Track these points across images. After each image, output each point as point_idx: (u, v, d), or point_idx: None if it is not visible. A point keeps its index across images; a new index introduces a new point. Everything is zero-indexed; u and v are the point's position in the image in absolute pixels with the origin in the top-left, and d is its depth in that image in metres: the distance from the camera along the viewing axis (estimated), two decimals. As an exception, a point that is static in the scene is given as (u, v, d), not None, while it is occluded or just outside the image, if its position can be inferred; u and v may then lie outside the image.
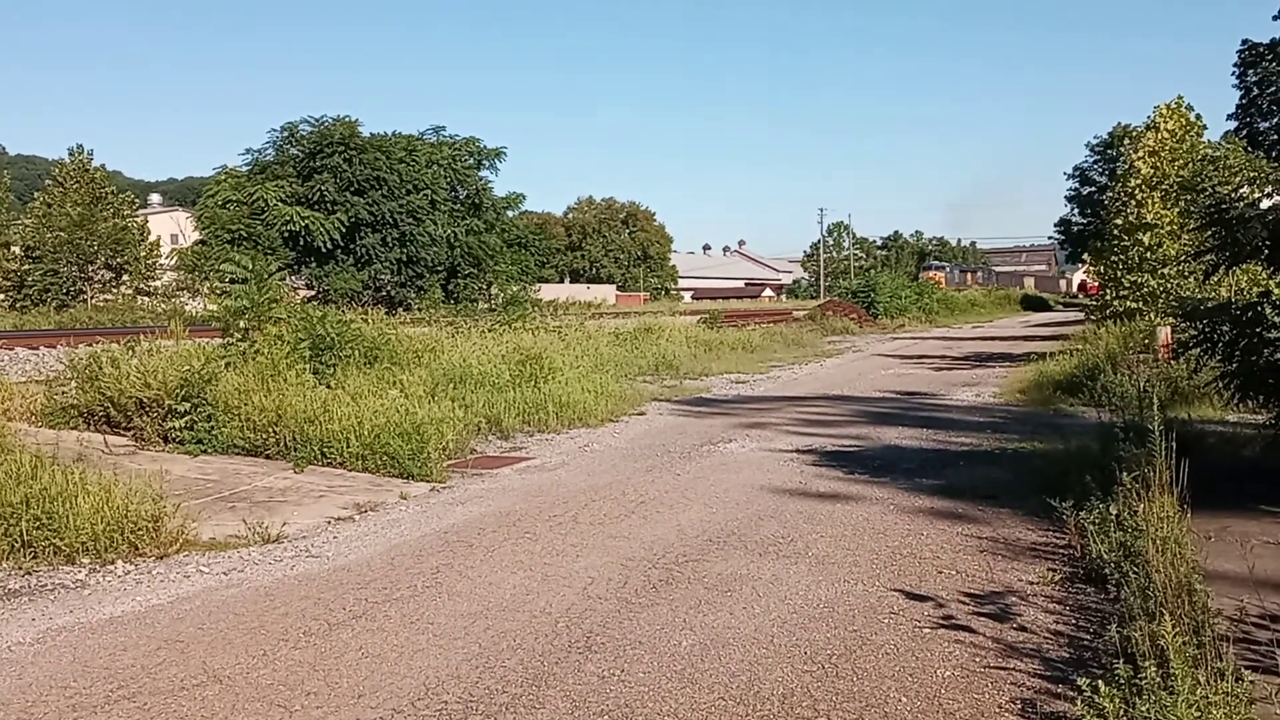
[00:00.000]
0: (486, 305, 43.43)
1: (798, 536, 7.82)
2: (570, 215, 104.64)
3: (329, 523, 8.64)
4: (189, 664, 5.28)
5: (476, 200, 49.79)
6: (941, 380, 21.35)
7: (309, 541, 7.98)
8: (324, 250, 43.50)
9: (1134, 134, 28.68)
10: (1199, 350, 9.09)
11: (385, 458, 10.63)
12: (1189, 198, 19.03)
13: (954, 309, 62.94)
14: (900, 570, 6.84)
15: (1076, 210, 74.78)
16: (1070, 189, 75.03)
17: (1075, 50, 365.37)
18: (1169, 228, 21.87)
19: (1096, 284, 31.98)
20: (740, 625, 5.75)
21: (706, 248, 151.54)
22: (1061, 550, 7.19)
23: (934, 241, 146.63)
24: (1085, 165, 72.53)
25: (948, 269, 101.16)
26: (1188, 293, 19.53)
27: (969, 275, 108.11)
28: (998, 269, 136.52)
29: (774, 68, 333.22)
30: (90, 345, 13.86)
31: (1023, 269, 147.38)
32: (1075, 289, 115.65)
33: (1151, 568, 5.40)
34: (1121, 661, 4.32)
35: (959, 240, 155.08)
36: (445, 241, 46.54)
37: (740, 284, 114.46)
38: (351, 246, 44.48)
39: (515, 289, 44.03)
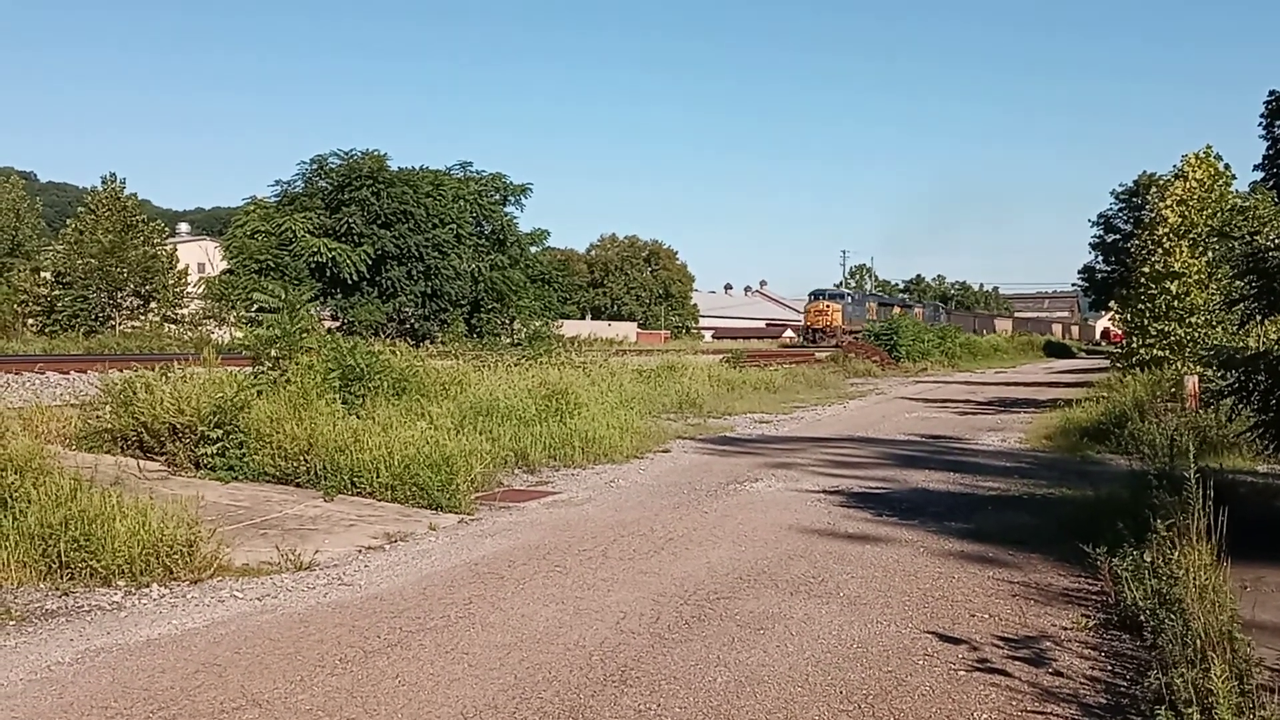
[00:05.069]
0: (509, 340, 43.60)
1: (828, 576, 7.81)
2: (593, 252, 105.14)
3: (360, 551, 8.69)
4: (227, 688, 5.32)
5: (501, 235, 50.02)
6: (966, 424, 21.30)
7: (341, 569, 8.03)
8: (350, 282, 43.78)
9: (1160, 182, 28.71)
10: (1233, 399, 9.08)
11: (414, 488, 10.68)
12: (1221, 246, 19.02)
13: (977, 353, 62.77)
14: (933, 612, 6.82)
15: (1100, 258, 74.86)
16: (1095, 236, 75.24)
17: (1098, 99, 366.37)
18: (1197, 276, 21.84)
19: (1121, 332, 31.84)
20: (774, 663, 5.75)
21: (728, 287, 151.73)
22: (1094, 596, 7.17)
23: (956, 285, 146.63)
24: (1110, 213, 72.74)
25: (848, 300, 68.48)
26: (1215, 342, 19.48)
27: (895, 309, 72.95)
28: (1019, 314, 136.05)
29: (801, 110, 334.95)
30: (121, 371, 13.98)
31: (1045, 315, 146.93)
32: (1099, 336, 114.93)
33: (1190, 615, 5.38)
34: (1164, 708, 4.31)
35: (981, 285, 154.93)
36: (469, 276, 46.75)
37: (761, 324, 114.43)
38: (377, 279, 44.74)
39: (538, 324, 44.23)
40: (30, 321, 43.25)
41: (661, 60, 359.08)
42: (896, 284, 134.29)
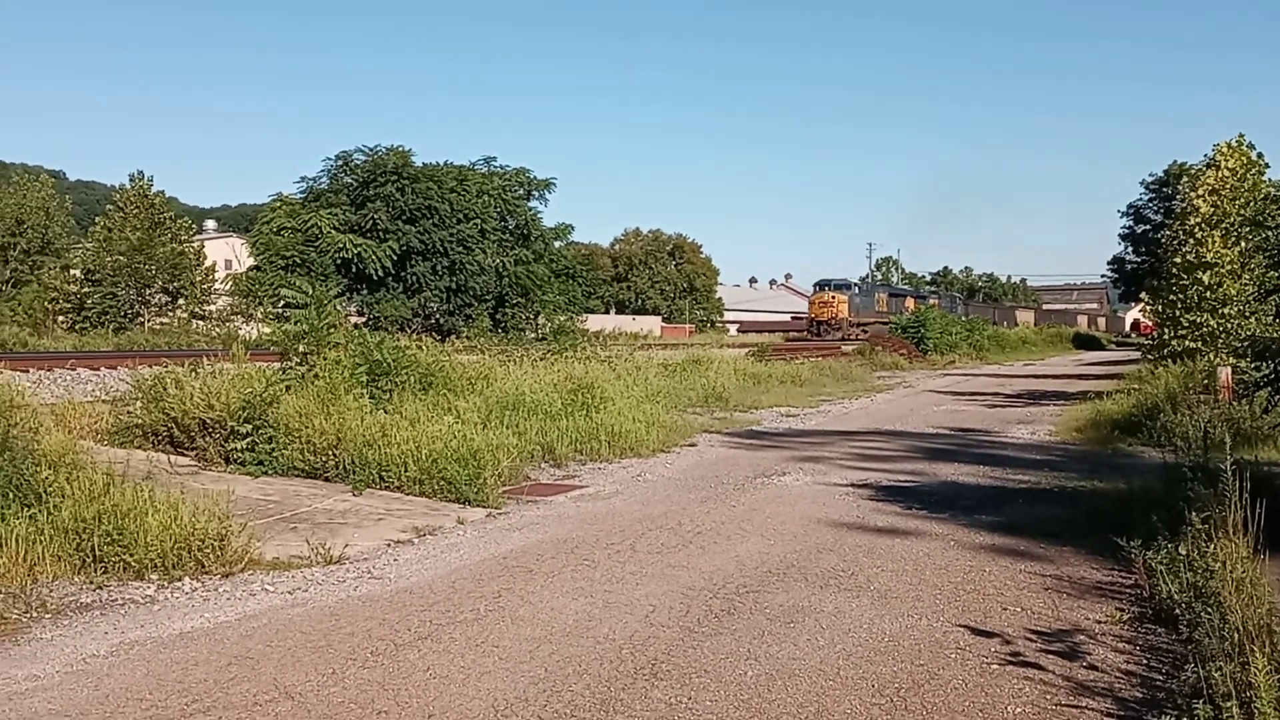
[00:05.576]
0: (534, 334, 43.67)
1: (858, 570, 7.77)
2: (617, 246, 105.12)
3: (389, 545, 8.72)
4: (260, 680, 5.34)
5: (525, 230, 50.18)
6: (995, 417, 21.17)
7: (370, 563, 8.06)
8: (375, 278, 43.99)
9: (1192, 172, 28.38)
10: (1268, 391, 8.97)
11: (442, 482, 10.71)
12: (1255, 235, 18.78)
13: (1005, 346, 62.39)
14: (964, 606, 6.77)
15: (1130, 249, 74.06)
16: (1124, 227, 74.38)
17: (1126, 91, 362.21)
18: (1229, 267, 21.59)
19: (1151, 323, 31.50)
20: (805, 656, 5.72)
21: (753, 280, 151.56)
22: (1128, 590, 7.10)
23: (983, 278, 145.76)
24: (1140, 203, 71.90)
25: (855, 290, 63.34)
26: (1249, 333, 19.26)
27: (908, 301, 70.27)
28: (1047, 306, 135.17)
29: (827, 104, 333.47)
30: (151, 367, 14.09)
31: (1073, 307, 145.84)
32: (1128, 328, 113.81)
33: (1227, 608, 5.32)
34: (1203, 703, 4.26)
35: (1009, 277, 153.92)
36: (494, 271, 46.91)
37: (786, 317, 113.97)
38: (402, 274, 44.94)
39: (562, 319, 44.28)
40: (60, 319, 43.65)
41: (685, 60, 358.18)
42: (923, 276, 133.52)
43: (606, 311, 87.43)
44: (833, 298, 60.37)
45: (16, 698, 5.13)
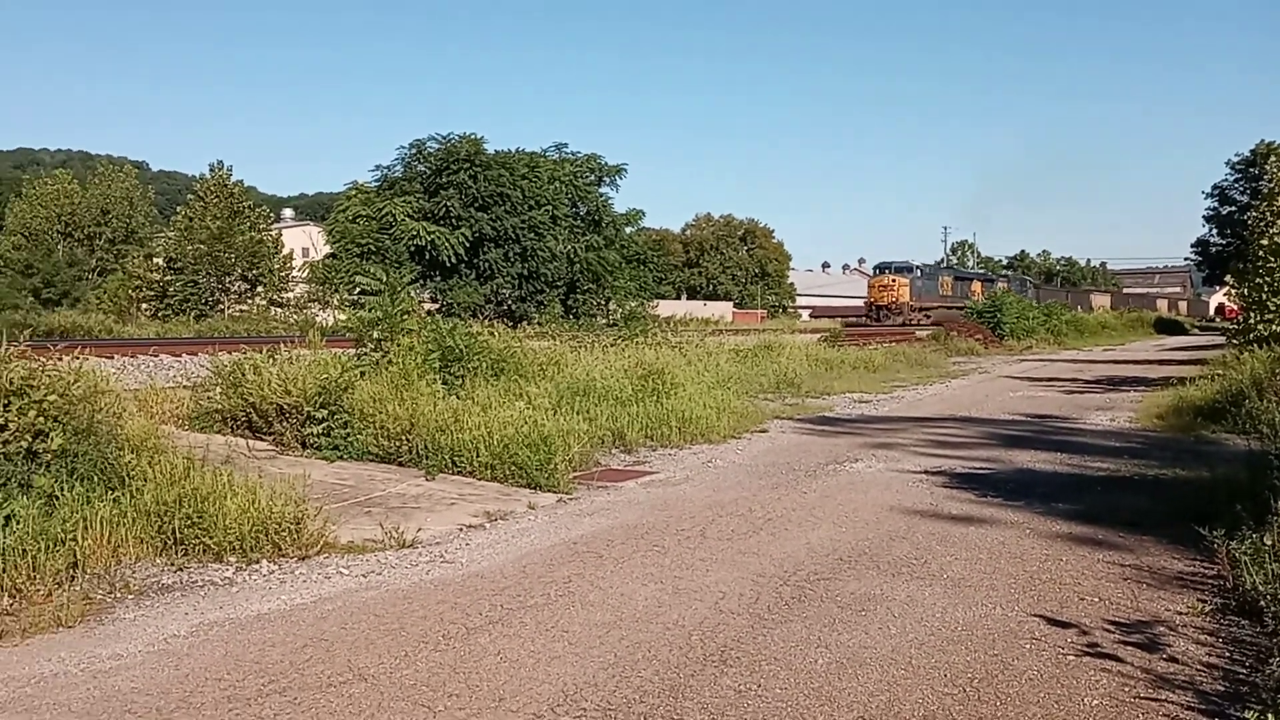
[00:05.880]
0: (605, 320, 43.77)
1: (931, 558, 7.68)
2: (688, 232, 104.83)
3: (461, 530, 8.81)
4: (334, 661, 5.44)
5: (596, 216, 50.23)
6: (1073, 403, 20.75)
7: (443, 547, 8.15)
8: (448, 265, 44.38)
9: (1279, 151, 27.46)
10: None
11: (513, 468, 10.78)
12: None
13: (1083, 331, 61.08)
14: (1040, 595, 6.66)
15: (1215, 231, 72.10)
16: (1209, 208, 72.43)
17: (1208, 74, 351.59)
18: (1319, 249, 20.87)
19: (1236, 307, 30.59)
20: (876, 645, 5.67)
21: (825, 265, 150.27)
22: (1210, 581, 6.93)
23: (1062, 261, 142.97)
24: (1225, 184, 69.95)
25: (917, 274, 60.27)
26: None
27: (974, 284, 69.28)
28: (1127, 290, 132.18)
29: (902, 88, 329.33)
30: (230, 353, 14.38)
31: (1154, 290, 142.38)
32: (1213, 312, 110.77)
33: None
34: (1288, 697, 4.14)
35: (1088, 260, 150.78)
36: (565, 257, 47.05)
37: (859, 303, 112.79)
38: (474, 261, 45.27)
39: (633, 305, 44.30)
40: (144, 306, 44.81)
41: (757, 46, 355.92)
42: (999, 260, 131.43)
43: (677, 297, 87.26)
44: (893, 281, 58.21)
45: (101, 676, 5.28)
